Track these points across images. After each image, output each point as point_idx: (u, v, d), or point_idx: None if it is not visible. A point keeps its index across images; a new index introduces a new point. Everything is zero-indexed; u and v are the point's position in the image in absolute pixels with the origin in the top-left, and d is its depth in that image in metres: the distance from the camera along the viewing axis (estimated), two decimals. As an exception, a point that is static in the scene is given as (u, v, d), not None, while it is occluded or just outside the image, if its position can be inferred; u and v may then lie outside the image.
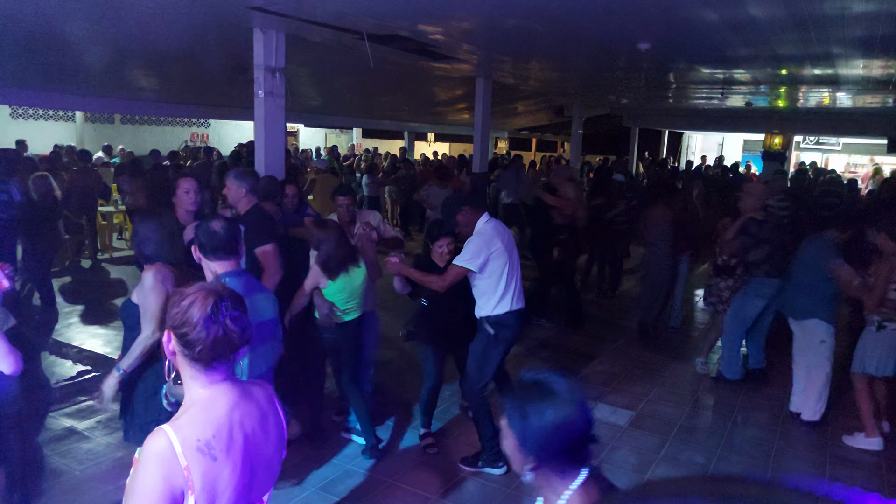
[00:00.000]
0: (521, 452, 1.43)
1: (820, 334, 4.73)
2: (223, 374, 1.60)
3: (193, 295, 1.57)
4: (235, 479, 1.55)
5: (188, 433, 1.49)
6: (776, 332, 5.71)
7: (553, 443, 1.39)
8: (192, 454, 1.47)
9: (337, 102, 13.42)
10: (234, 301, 1.60)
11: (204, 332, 1.53)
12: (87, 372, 5.26)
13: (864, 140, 18.55)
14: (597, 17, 5.50)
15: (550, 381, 1.45)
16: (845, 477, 4.14)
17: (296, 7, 5.08)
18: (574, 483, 1.42)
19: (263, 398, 1.71)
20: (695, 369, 5.90)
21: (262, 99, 5.78)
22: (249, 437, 1.60)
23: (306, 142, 19.90)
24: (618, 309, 7.94)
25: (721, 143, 23.35)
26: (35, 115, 14.28)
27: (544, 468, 1.43)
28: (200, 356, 1.55)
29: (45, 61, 7.92)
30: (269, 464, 1.69)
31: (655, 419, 4.85)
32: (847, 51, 6.55)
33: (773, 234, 5.22)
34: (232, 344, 1.57)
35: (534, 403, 1.41)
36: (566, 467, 1.43)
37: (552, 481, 1.44)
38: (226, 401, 1.59)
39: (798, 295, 4.82)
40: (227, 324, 1.55)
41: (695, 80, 9.77)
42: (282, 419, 1.76)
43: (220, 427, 1.54)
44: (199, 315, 1.53)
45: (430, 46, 6.88)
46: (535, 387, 1.45)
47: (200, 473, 1.47)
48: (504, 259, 3.84)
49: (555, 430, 1.39)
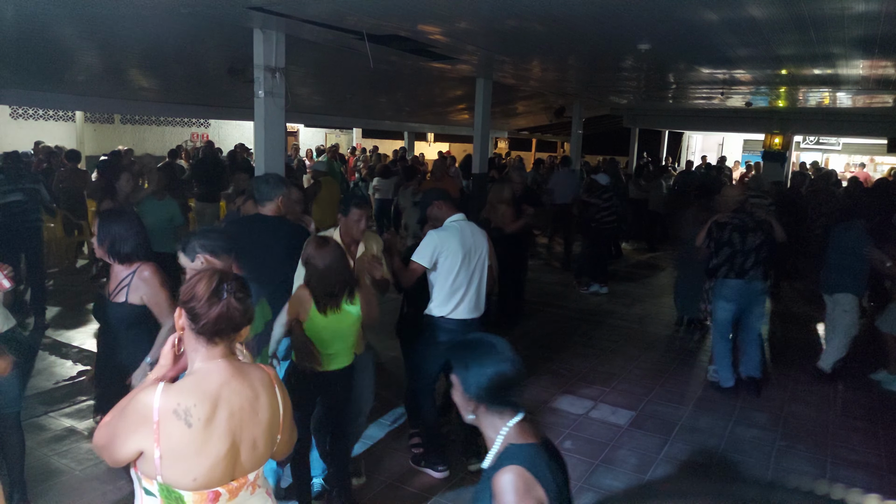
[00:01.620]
0: (464, 397, 1.76)
1: (845, 305, 5.53)
2: (222, 351, 1.76)
3: (202, 274, 1.77)
4: (212, 449, 1.69)
5: (172, 395, 1.67)
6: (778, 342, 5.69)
7: (490, 387, 1.72)
8: (167, 415, 1.65)
9: (337, 102, 13.41)
10: (239, 283, 1.78)
11: (207, 306, 1.70)
12: (87, 372, 5.26)
13: (864, 140, 18.55)
14: (597, 18, 5.50)
15: (487, 339, 1.81)
16: (845, 477, 4.14)
17: (296, 7, 5.08)
18: (511, 421, 1.74)
19: (259, 380, 1.83)
20: (694, 370, 5.90)
21: (262, 99, 5.78)
22: (235, 414, 1.73)
23: (306, 142, 19.90)
24: (618, 309, 7.93)
25: (721, 143, 23.34)
26: (35, 115, 14.27)
27: (484, 409, 1.75)
28: (204, 330, 1.71)
29: (46, 61, 7.92)
30: (256, 444, 1.79)
31: (655, 419, 4.85)
32: (847, 51, 6.55)
33: (735, 236, 5.22)
34: (233, 321, 1.74)
35: (474, 356, 1.77)
36: (502, 409, 1.74)
37: (492, 420, 1.75)
38: (218, 376, 1.73)
39: (831, 273, 5.62)
40: (230, 302, 1.72)
41: (695, 80, 9.77)
42: (279, 403, 1.87)
43: (205, 398, 1.69)
44: (205, 290, 1.71)
45: (430, 46, 6.88)
46: (476, 343, 1.81)
47: (169, 433, 1.64)
48: (457, 262, 3.74)
49: (492, 377, 1.72)
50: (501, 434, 1.73)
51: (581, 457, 4.21)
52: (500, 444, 1.73)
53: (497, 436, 1.73)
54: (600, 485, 3.89)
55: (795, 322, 7.69)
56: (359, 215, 3.66)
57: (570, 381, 5.50)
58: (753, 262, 5.21)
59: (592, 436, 4.53)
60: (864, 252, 5.39)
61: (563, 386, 5.37)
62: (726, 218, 5.35)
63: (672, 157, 21.39)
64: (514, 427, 1.74)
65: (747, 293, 5.27)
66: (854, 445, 4.56)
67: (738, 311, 5.36)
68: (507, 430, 1.73)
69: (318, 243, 3.19)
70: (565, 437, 4.49)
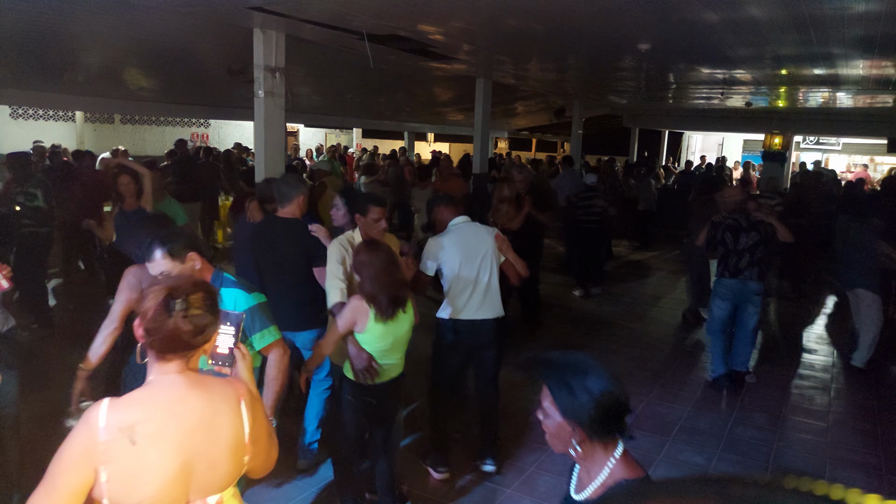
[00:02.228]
0: (567, 426, 1.50)
1: (867, 300, 5.79)
2: (176, 366, 1.65)
3: (155, 287, 1.65)
4: (160, 467, 1.56)
5: (118, 411, 1.55)
6: (771, 340, 5.70)
7: (599, 413, 1.47)
8: (112, 432, 1.53)
9: (337, 102, 13.42)
10: (193, 300, 1.64)
11: (153, 323, 1.60)
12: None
13: (864, 140, 18.55)
14: (597, 18, 5.50)
15: (581, 359, 1.55)
16: (845, 477, 4.13)
17: (296, 7, 5.08)
18: (617, 452, 1.52)
19: (222, 396, 1.70)
20: (694, 370, 5.90)
21: (262, 99, 5.78)
22: (188, 432, 1.60)
23: (306, 142, 19.91)
24: (617, 309, 7.93)
25: (721, 143, 23.33)
26: (35, 115, 14.28)
27: (590, 439, 1.50)
28: (153, 345, 1.62)
29: (45, 61, 7.92)
30: (215, 464, 1.66)
31: (655, 419, 4.84)
32: (847, 51, 6.55)
33: (728, 236, 5.26)
34: (181, 340, 1.62)
35: (576, 378, 1.50)
36: (608, 437, 1.52)
37: (596, 453, 1.52)
38: (171, 392, 1.63)
39: (849, 270, 5.96)
40: (177, 320, 1.60)
41: (695, 80, 9.78)
42: (244, 423, 1.72)
43: (153, 415, 1.58)
44: (150, 306, 1.61)
45: (430, 46, 6.88)
46: (571, 364, 1.54)
47: (115, 452, 1.52)
48: (455, 264, 3.75)
49: (600, 401, 1.48)
50: (608, 467, 1.51)
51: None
52: (605, 477, 1.51)
53: (604, 468, 1.52)
54: (600, 485, 3.88)
55: (796, 321, 7.69)
56: (378, 214, 3.53)
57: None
58: (748, 262, 5.24)
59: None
60: (873, 248, 5.64)
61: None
62: (720, 218, 5.42)
63: (672, 157, 21.39)
64: (619, 460, 1.52)
65: (742, 292, 5.33)
66: (854, 446, 4.56)
67: (733, 310, 5.42)
68: (615, 462, 1.52)
69: (369, 247, 3.04)
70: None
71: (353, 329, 3.01)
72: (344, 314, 3.03)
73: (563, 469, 4.03)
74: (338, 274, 3.39)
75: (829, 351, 6.64)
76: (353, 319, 2.99)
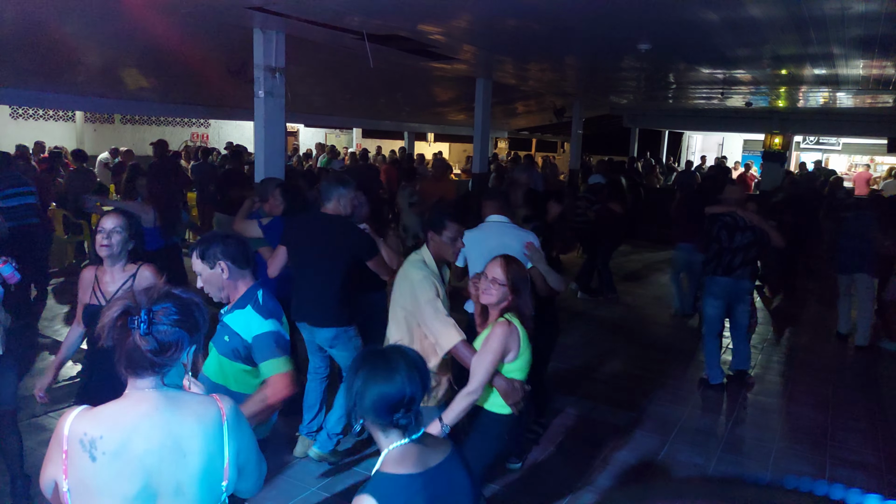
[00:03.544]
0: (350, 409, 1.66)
1: (866, 283, 6.47)
2: (149, 383, 1.56)
3: (114, 302, 1.56)
4: (119, 487, 1.48)
5: (84, 422, 1.50)
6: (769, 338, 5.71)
7: (371, 408, 1.60)
8: (74, 444, 1.48)
9: (337, 102, 13.42)
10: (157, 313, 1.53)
11: (110, 341, 1.53)
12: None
13: (864, 140, 18.55)
14: (597, 18, 5.50)
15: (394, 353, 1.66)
16: (845, 477, 4.13)
17: (296, 7, 5.08)
18: (392, 445, 1.62)
19: (198, 417, 1.58)
20: (694, 370, 5.90)
21: (262, 99, 5.78)
22: (153, 452, 1.50)
23: (306, 142, 19.90)
24: (616, 309, 7.93)
25: (721, 143, 23.33)
26: (35, 115, 14.27)
27: (370, 425, 1.65)
28: (119, 361, 1.54)
29: (46, 61, 7.92)
30: (181, 490, 1.54)
31: (655, 420, 4.84)
32: (847, 51, 6.55)
33: (723, 233, 5.25)
34: (145, 358, 1.52)
35: (366, 371, 1.63)
36: (387, 430, 1.63)
37: (378, 437, 1.65)
38: (140, 408, 1.53)
39: (847, 257, 6.53)
40: (134, 338, 1.51)
41: (695, 80, 9.78)
42: (224, 445, 1.60)
43: (117, 430, 1.49)
44: (105, 324, 1.53)
45: (430, 46, 6.89)
46: (377, 357, 1.66)
47: (74, 465, 1.48)
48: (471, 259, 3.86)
49: (375, 398, 1.59)
50: (382, 455, 1.63)
51: (581, 457, 4.21)
52: (377, 465, 1.62)
53: (381, 456, 1.63)
54: (600, 485, 3.89)
55: (796, 322, 7.69)
56: (456, 231, 3.07)
57: (569, 381, 5.50)
58: (741, 260, 5.24)
59: (592, 436, 4.53)
60: (871, 236, 6.30)
61: (563, 387, 5.36)
62: (719, 210, 5.39)
63: (672, 157, 21.39)
64: (393, 452, 1.62)
65: (735, 291, 5.34)
66: (853, 446, 4.56)
67: (727, 309, 5.43)
68: (387, 453, 1.62)
69: (514, 261, 2.73)
70: (566, 438, 4.49)
71: (505, 360, 2.64)
72: (491, 347, 2.61)
73: (561, 465, 4.03)
74: (442, 310, 2.97)
75: (829, 349, 6.64)
76: (507, 348, 2.62)
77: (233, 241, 2.49)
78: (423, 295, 2.97)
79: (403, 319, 3.08)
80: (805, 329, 7.49)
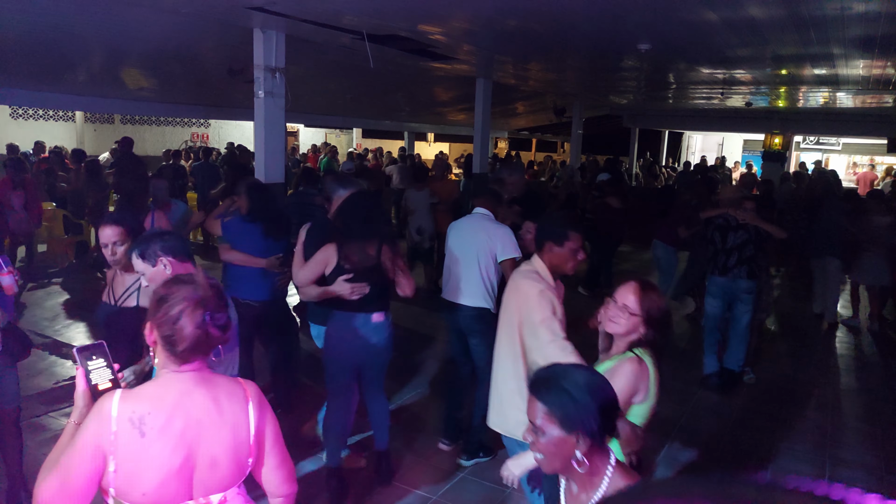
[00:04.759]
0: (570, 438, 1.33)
1: (835, 265, 7.17)
2: (194, 366, 1.66)
3: (181, 304, 1.61)
4: (164, 461, 1.57)
5: (130, 402, 1.58)
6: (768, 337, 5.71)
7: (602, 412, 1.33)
8: (123, 423, 1.55)
9: (337, 102, 13.42)
10: (218, 303, 1.66)
11: (190, 339, 1.60)
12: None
13: (864, 140, 18.55)
14: (597, 18, 5.51)
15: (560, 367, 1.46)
16: (845, 477, 4.13)
17: (295, 7, 5.08)
18: (612, 458, 1.38)
19: (229, 395, 1.69)
20: (694, 370, 5.90)
21: (262, 99, 5.78)
22: (192, 427, 1.61)
23: (306, 142, 19.90)
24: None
25: (721, 143, 23.34)
26: (35, 115, 14.28)
27: (598, 447, 1.34)
28: (179, 354, 1.62)
29: (45, 61, 7.92)
30: (216, 462, 1.64)
31: (655, 419, 4.82)
32: (847, 51, 6.55)
33: (716, 235, 5.33)
34: (210, 344, 1.65)
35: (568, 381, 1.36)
36: (605, 442, 1.37)
37: (594, 461, 1.35)
38: (181, 386, 1.64)
39: (820, 242, 7.24)
40: (209, 330, 1.62)
41: (695, 80, 9.78)
42: (249, 423, 1.69)
43: (162, 407, 1.59)
44: (189, 325, 1.59)
45: (430, 46, 6.89)
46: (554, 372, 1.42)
47: (124, 443, 1.55)
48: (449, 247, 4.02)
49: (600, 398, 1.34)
50: (607, 476, 1.36)
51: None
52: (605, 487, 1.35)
53: (603, 479, 1.36)
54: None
55: (793, 320, 7.70)
56: (578, 242, 2.78)
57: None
58: (736, 260, 5.26)
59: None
60: (841, 223, 6.99)
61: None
62: (713, 213, 5.46)
63: (672, 157, 21.39)
64: (616, 467, 1.37)
65: (732, 290, 5.37)
66: (854, 446, 4.57)
67: (727, 307, 5.48)
68: (612, 469, 1.36)
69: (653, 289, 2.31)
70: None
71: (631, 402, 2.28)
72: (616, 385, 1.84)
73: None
74: (560, 332, 2.68)
75: (828, 348, 6.64)
76: (635, 388, 2.26)
77: (171, 237, 2.55)
78: (538, 314, 2.70)
79: (517, 336, 2.84)
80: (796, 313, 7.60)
